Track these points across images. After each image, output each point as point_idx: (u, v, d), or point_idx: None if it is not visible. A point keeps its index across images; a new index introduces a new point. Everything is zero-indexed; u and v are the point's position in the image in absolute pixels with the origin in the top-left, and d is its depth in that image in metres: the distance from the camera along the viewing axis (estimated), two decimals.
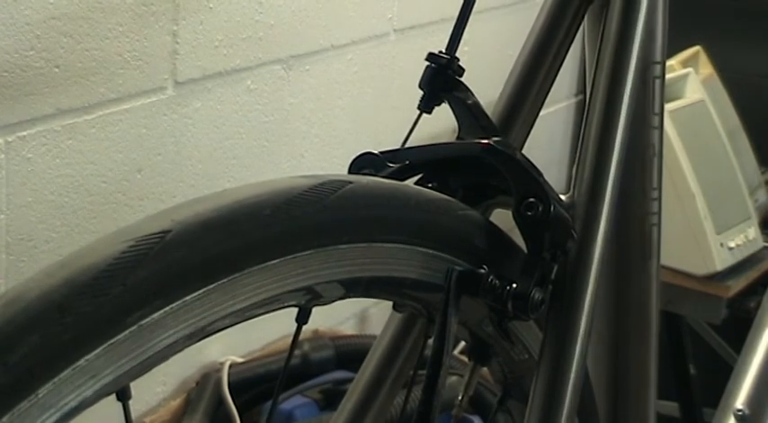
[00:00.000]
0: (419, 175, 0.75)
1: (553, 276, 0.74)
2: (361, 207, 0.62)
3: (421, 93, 0.80)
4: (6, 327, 0.47)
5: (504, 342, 0.77)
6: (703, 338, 2.15)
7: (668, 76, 1.62)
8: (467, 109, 0.77)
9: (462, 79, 0.79)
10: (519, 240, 0.74)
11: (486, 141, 0.74)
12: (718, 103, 2.12)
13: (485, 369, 0.82)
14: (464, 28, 0.80)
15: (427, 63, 0.79)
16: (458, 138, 0.78)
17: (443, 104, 0.80)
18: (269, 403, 1.70)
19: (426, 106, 0.79)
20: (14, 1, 1.26)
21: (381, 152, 0.73)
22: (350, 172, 0.73)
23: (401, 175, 0.73)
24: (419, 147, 0.74)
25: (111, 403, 0.53)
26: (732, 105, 2.17)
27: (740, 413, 0.95)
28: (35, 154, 1.33)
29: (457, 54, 0.78)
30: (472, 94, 0.78)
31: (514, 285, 0.70)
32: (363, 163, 0.73)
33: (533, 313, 0.70)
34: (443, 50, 0.79)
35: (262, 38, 1.63)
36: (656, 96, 0.90)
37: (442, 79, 0.78)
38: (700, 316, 2.10)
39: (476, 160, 0.74)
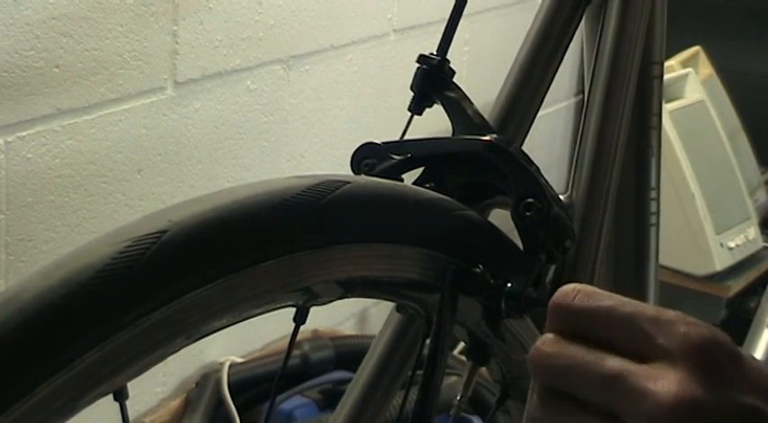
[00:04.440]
0: (418, 172, 0.75)
1: (552, 276, 0.74)
2: (359, 207, 0.62)
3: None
4: (2, 327, 0.47)
5: (500, 341, 0.77)
6: None
7: (668, 76, 1.62)
8: (460, 109, 0.77)
9: (459, 80, 0.79)
10: (517, 240, 0.74)
11: (487, 138, 0.74)
12: (718, 103, 2.12)
13: (484, 369, 0.82)
14: (455, 29, 0.80)
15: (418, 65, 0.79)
16: None
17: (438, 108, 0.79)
18: (268, 403, 1.70)
19: (417, 108, 0.79)
20: (14, 1, 1.26)
21: (384, 142, 0.73)
22: (352, 161, 0.72)
23: (402, 167, 0.73)
24: (421, 140, 0.74)
25: (108, 403, 0.53)
26: (732, 105, 2.17)
27: None
28: (35, 154, 1.33)
29: (457, 54, 0.78)
30: (465, 95, 0.78)
31: (509, 284, 0.70)
32: (366, 152, 0.73)
33: (526, 312, 0.70)
34: (434, 52, 0.79)
35: (262, 38, 1.63)
36: (655, 96, 0.90)
37: (433, 80, 0.78)
38: (700, 316, 2.09)
39: (476, 157, 0.74)
